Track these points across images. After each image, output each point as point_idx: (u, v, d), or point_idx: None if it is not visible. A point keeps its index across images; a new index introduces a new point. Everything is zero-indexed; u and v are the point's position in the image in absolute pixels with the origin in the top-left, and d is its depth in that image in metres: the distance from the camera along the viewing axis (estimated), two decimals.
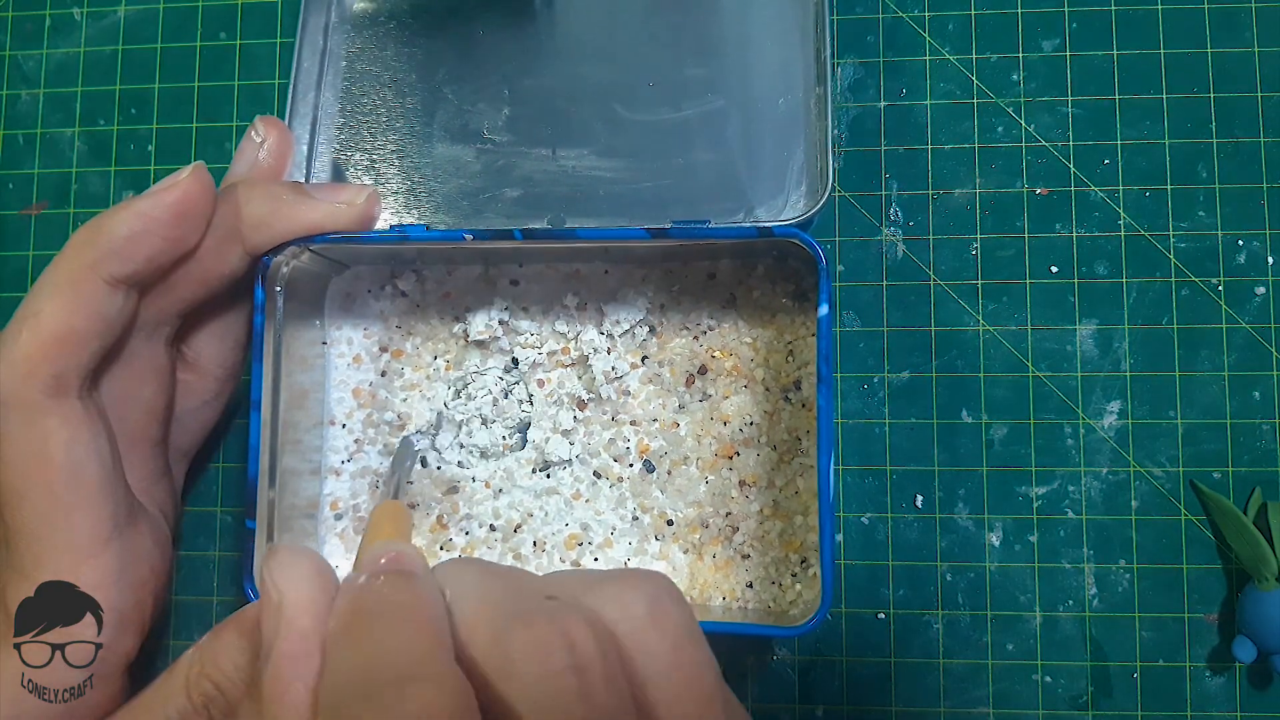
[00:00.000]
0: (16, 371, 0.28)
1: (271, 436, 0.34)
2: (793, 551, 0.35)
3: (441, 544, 0.37)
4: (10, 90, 0.42)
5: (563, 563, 0.36)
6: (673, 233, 0.32)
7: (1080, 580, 0.36)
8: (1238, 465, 0.36)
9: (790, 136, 0.36)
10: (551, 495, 0.37)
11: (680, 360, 0.37)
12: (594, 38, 0.39)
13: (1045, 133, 0.38)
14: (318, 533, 0.37)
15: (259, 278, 0.33)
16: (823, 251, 0.31)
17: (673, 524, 0.36)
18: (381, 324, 0.38)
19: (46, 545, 0.29)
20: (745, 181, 0.36)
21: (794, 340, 0.36)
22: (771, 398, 0.36)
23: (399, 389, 0.38)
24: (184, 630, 0.39)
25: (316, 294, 0.38)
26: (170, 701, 0.25)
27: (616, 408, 0.37)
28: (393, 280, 0.38)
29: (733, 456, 0.36)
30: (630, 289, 0.37)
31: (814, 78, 0.36)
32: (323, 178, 0.38)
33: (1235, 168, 0.37)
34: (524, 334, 0.37)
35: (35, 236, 0.41)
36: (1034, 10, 0.38)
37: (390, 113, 0.38)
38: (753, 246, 0.35)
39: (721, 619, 0.34)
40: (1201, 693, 0.35)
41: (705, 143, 0.36)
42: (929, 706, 0.36)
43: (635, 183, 0.36)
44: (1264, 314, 0.37)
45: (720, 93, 0.37)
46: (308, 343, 0.37)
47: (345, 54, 0.39)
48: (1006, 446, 0.37)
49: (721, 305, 0.37)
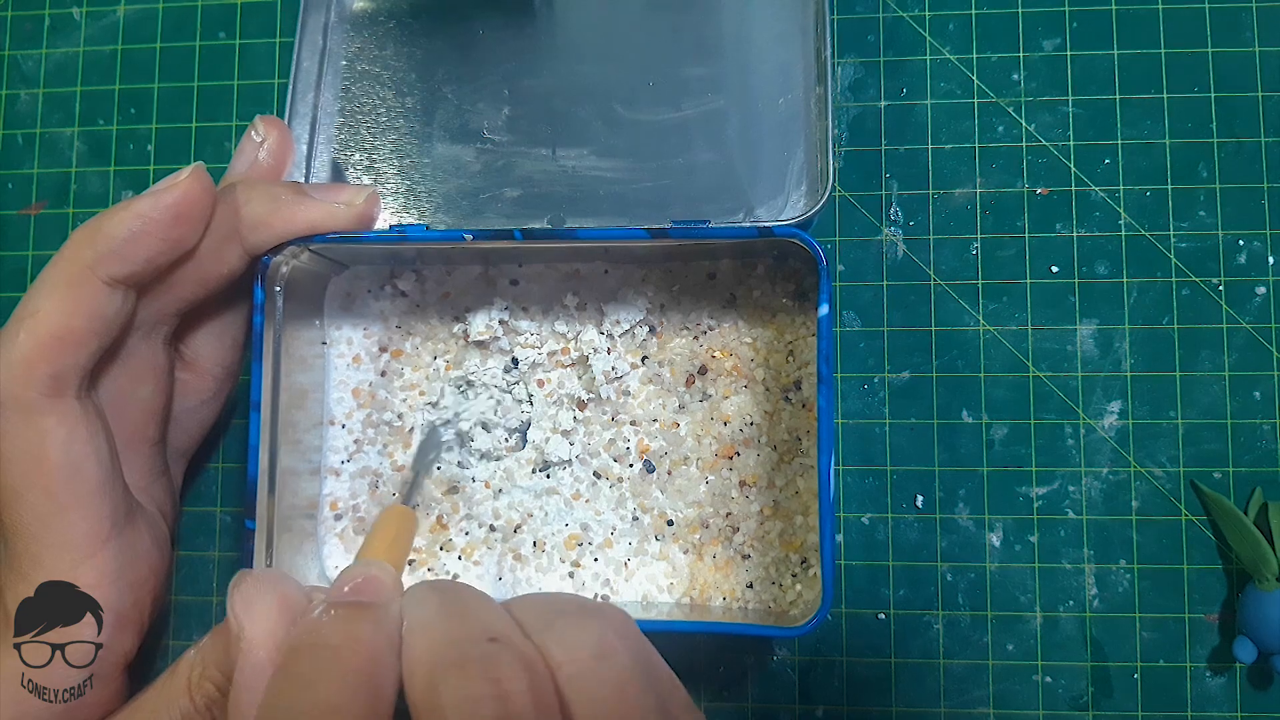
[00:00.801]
0: (14, 371, 0.28)
1: (271, 436, 0.34)
2: (793, 551, 0.35)
3: (441, 544, 0.37)
4: (10, 90, 0.42)
5: (563, 563, 0.36)
6: (673, 233, 0.32)
7: (1080, 580, 0.36)
8: (1238, 465, 0.36)
9: (790, 136, 0.36)
10: (551, 495, 0.37)
11: (680, 360, 0.37)
12: (594, 37, 0.38)
13: (1045, 132, 0.38)
14: (317, 533, 0.37)
15: (258, 277, 0.33)
16: (823, 251, 0.31)
17: (673, 524, 0.36)
18: (381, 324, 0.38)
19: (44, 545, 0.29)
20: (745, 181, 0.36)
21: (794, 340, 0.36)
22: (772, 398, 0.36)
23: (399, 389, 0.38)
24: (184, 630, 0.39)
25: (316, 294, 0.38)
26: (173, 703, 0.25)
27: (616, 408, 0.37)
28: (392, 280, 0.38)
29: (733, 456, 0.36)
30: (630, 289, 0.37)
31: (814, 77, 0.36)
32: (322, 177, 0.38)
33: (1236, 167, 0.37)
34: (524, 334, 0.37)
35: (34, 236, 0.41)
36: (1034, 10, 0.38)
37: (390, 112, 0.38)
38: (753, 246, 0.35)
39: (721, 619, 0.34)
40: (1202, 693, 0.35)
41: (705, 142, 0.36)
42: (929, 707, 0.36)
43: (635, 183, 0.36)
44: (1264, 314, 0.36)
45: (720, 92, 0.37)
46: (307, 343, 0.37)
47: (345, 54, 0.39)
48: (1007, 446, 0.37)
49: (721, 305, 0.37)
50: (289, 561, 0.35)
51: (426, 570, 0.37)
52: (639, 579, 0.36)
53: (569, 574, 0.36)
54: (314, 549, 0.37)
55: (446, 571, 0.37)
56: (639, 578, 0.36)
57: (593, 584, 0.36)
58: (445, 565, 0.37)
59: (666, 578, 0.36)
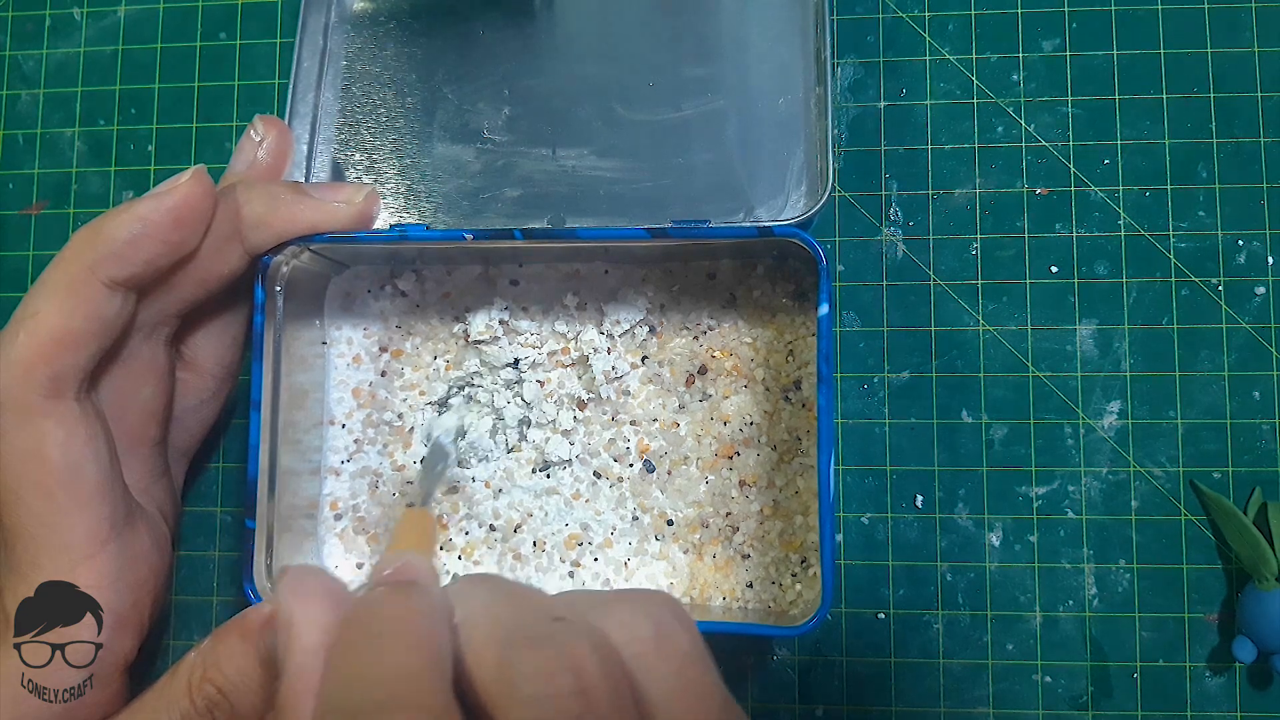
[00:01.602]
0: (14, 373, 0.28)
1: (271, 436, 0.34)
2: (793, 551, 0.35)
3: (442, 544, 0.37)
4: (10, 90, 0.42)
5: (563, 562, 0.36)
6: (672, 232, 0.32)
7: (1080, 580, 0.36)
8: (1238, 465, 0.36)
9: (790, 136, 0.36)
10: (551, 495, 0.37)
11: (680, 360, 0.37)
12: (593, 38, 0.38)
13: (1045, 133, 0.38)
14: (317, 533, 0.37)
15: (258, 277, 0.33)
16: (823, 251, 0.31)
17: (673, 524, 0.36)
18: (381, 324, 0.38)
19: (43, 546, 0.29)
20: (745, 181, 0.36)
21: (794, 340, 0.36)
22: (771, 398, 0.36)
23: (399, 389, 0.38)
24: (184, 630, 0.39)
25: (316, 294, 0.38)
26: (173, 705, 0.25)
27: (616, 408, 0.37)
28: (393, 280, 0.38)
29: (733, 456, 0.36)
30: (630, 289, 0.37)
31: (814, 78, 0.36)
32: (322, 177, 0.38)
33: (1235, 168, 0.37)
34: (524, 334, 0.37)
35: (35, 236, 0.41)
36: (1034, 10, 0.38)
37: (390, 112, 0.38)
38: (752, 246, 0.35)
39: (721, 619, 0.34)
40: (1201, 693, 0.35)
41: (705, 142, 0.36)
42: (929, 706, 0.36)
43: (635, 182, 0.36)
44: (1264, 314, 0.37)
45: (720, 93, 0.37)
46: (307, 342, 0.37)
47: (345, 54, 0.39)
48: (1006, 446, 0.37)
49: (721, 305, 0.37)
50: (289, 561, 0.35)
51: None
52: (639, 579, 0.36)
53: (569, 574, 0.36)
54: (314, 549, 0.37)
55: (447, 572, 0.37)
56: (639, 577, 0.36)
57: (593, 584, 0.36)
58: (446, 565, 0.37)
59: (666, 577, 0.36)
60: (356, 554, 0.37)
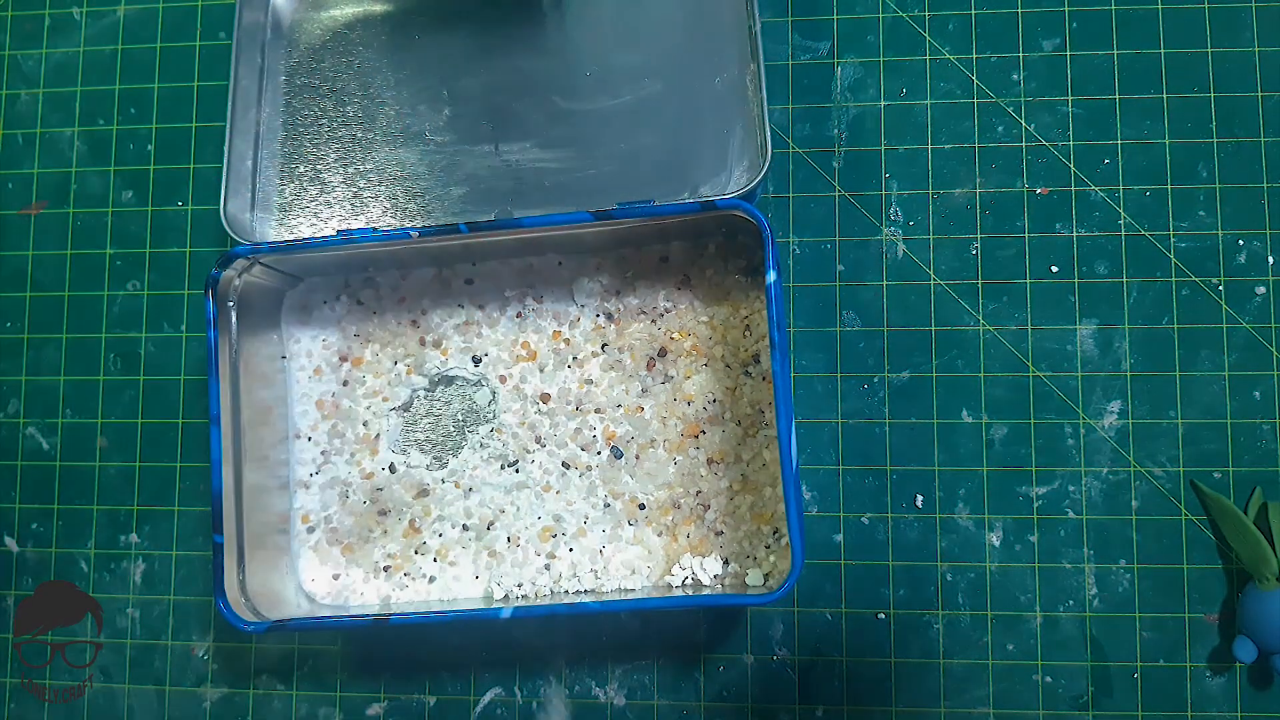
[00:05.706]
0: None
1: (235, 452, 0.34)
2: (764, 524, 0.35)
3: (416, 548, 0.37)
4: (10, 90, 0.42)
5: (539, 556, 0.36)
6: (616, 213, 0.33)
7: (1080, 580, 0.36)
8: (1238, 465, 0.36)
9: (728, 113, 0.36)
10: (521, 490, 0.37)
11: (640, 344, 0.37)
12: (527, 32, 0.39)
13: (1045, 132, 0.38)
14: (291, 548, 0.37)
15: (207, 291, 0.33)
16: (766, 220, 0.32)
17: (645, 508, 0.36)
18: (339, 333, 0.38)
19: None
20: (688, 161, 0.36)
21: (749, 315, 0.36)
22: (732, 374, 0.36)
23: (362, 397, 0.38)
24: (184, 630, 0.39)
25: (272, 309, 0.38)
26: None
27: (580, 397, 0.37)
28: (347, 289, 0.38)
29: (698, 435, 0.36)
30: (585, 278, 0.37)
31: (748, 53, 0.36)
32: (268, 191, 0.38)
33: (1235, 167, 0.37)
34: (483, 331, 0.38)
35: (35, 236, 0.41)
36: (1034, 10, 0.38)
37: (331, 122, 0.39)
38: (702, 225, 0.35)
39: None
40: (1202, 693, 0.35)
41: (646, 127, 0.37)
42: (929, 706, 0.36)
43: (579, 171, 0.37)
44: (1264, 314, 0.36)
45: (657, 77, 0.37)
46: (267, 358, 0.37)
47: (283, 69, 0.39)
48: (1006, 446, 0.37)
49: (676, 287, 0.37)
50: (264, 578, 0.35)
51: (404, 575, 0.37)
52: (615, 566, 0.36)
53: (545, 566, 0.36)
54: (289, 564, 0.37)
55: (424, 575, 0.37)
56: (615, 564, 0.36)
57: (570, 575, 0.36)
58: (422, 569, 0.37)
59: (643, 561, 0.36)
60: (332, 565, 0.37)
